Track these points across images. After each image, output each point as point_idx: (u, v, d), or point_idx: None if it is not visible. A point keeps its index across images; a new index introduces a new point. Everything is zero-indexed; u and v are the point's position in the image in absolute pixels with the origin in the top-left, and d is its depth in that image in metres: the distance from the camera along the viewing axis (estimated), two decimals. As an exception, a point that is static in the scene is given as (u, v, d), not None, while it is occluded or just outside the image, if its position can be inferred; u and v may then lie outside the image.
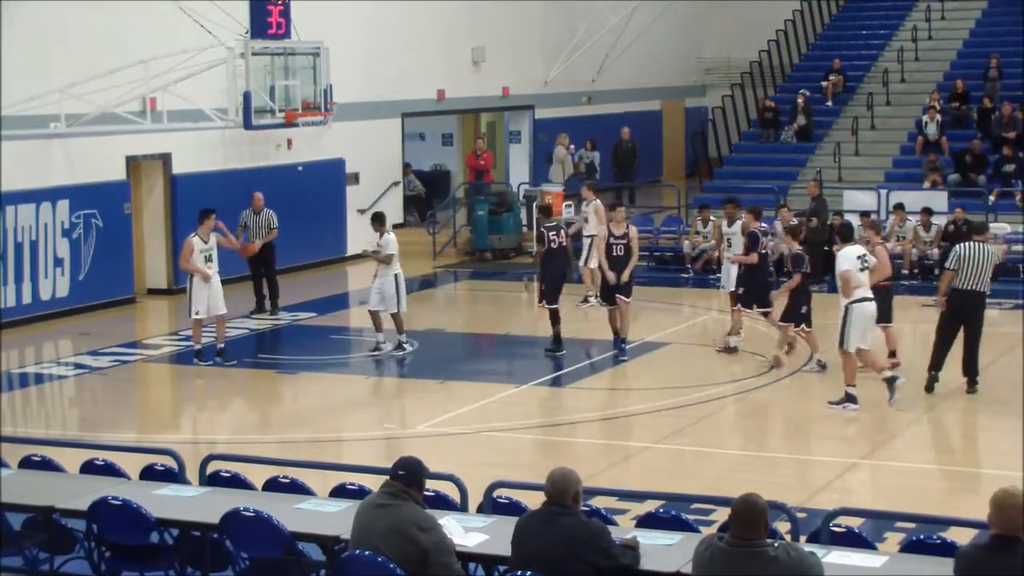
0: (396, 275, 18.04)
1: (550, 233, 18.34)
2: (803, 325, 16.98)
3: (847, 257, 14.91)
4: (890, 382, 15.21)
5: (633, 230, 17.95)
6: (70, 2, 21.01)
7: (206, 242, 17.72)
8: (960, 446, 14.99)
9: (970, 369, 15.69)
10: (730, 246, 18.82)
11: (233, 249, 19.50)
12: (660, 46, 36.04)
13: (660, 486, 11.77)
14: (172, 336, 20.20)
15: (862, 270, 14.90)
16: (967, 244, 15.59)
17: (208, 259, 17.73)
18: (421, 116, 29.72)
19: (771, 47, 35.10)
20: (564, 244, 18.63)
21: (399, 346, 18.29)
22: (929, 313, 19.13)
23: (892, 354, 16.79)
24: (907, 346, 18.07)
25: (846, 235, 15.47)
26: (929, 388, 15.59)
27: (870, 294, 15.02)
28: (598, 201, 20.98)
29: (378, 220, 18.30)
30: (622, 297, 17.69)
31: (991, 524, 6.57)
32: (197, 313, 17.67)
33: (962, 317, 15.53)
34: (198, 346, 17.86)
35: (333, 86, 22.60)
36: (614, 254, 17.66)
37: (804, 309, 16.93)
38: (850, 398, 15.03)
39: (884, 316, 16.36)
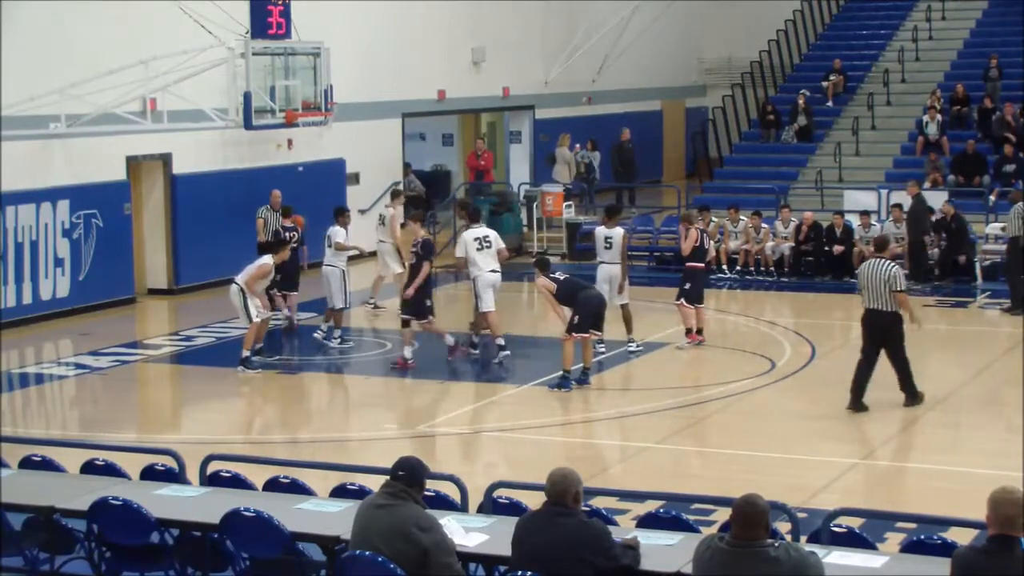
0: (343, 270, 19.03)
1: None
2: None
3: (465, 240, 17.44)
4: (501, 348, 17.52)
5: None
6: (70, 2, 21.01)
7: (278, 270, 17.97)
8: (960, 446, 14.96)
9: (905, 388, 14.89)
10: None
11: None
12: (660, 46, 36.02)
13: (660, 486, 11.76)
14: (172, 336, 20.21)
15: (480, 249, 17.33)
16: (866, 263, 14.89)
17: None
18: (421, 116, 29.71)
19: (771, 47, 35.09)
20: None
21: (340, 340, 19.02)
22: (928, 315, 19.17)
23: (699, 331, 18.31)
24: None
25: (474, 217, 17.98)
26: (857, 410, 14.80)
27: (495, 267, 17.44)
28: (398, 211, 21.13)
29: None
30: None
31: (989, 524, 6.56)
32: (260, 315, 17.53)
33: (876, 338, 14.72)
34: (260, 344, 17.82)
35: (333, 86, 22.60)
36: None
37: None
38: (501, 348, 17.47)
39: (697, 297, 18.24)
